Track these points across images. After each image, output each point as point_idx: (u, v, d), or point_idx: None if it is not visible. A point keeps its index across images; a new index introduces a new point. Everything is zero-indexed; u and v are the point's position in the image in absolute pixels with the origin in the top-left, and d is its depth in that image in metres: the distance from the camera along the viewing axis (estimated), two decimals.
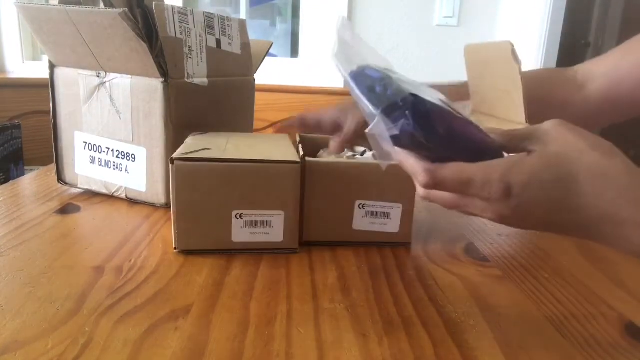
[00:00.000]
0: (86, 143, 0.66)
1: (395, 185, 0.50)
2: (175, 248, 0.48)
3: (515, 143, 0.35)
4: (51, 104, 0.67)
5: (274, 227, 0.48)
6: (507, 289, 0.44)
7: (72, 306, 0.38)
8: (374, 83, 0.35)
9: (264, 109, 1.79)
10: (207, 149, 0.50)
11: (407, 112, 0.32)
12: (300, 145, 0.56)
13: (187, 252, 0.48)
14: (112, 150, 0.63)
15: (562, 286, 0.45)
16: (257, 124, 1.80)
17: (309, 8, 2.01)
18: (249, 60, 0.74)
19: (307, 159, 0.50)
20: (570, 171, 0.30)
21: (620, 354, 0.35)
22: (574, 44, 2.20)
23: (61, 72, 0.66)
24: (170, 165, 0.45)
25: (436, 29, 1.97)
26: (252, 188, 0.47)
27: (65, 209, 0.60)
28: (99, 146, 0.64)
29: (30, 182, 0.72)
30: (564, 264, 0.51)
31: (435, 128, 0.33)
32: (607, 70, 0.60)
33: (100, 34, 0.58)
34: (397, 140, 0.33)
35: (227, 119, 0.71)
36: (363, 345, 0.34)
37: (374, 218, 0.51)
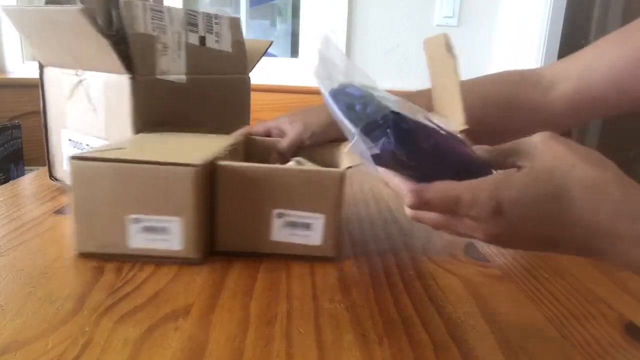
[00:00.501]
0: (71, 140, 0.66)
1: (317, 194, 0.46)
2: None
3: (502, 158, 0.34)
4: (41, 104, 0.67)
5: (172, 235, 0.45)
6: (507, 289, 0.44)
7: (72, 306, 0.38)
8: (354, 101, 0.34)
9: (263, 109, 1.79)
10: (121, 148, 0.47)
11: (387, 130, 0.31)
12: (231, 148, 0.53)
13: (90, 254, 0.46)
14: (91, 148, 0.63)
15: (562, 286, 0.45)
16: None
17: (309, 8, 2.01)
18: (242, 58, 0.73)
19: (220, 162, 0.46)
20: (563, 185, 0.29)
21: (620, 354, 0.35)
22: (574, 44, 2.20)
23: (49, 72, 0.67)
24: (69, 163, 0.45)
25: (436, 29, 1.97)
26: (148, 191, 0.44)
27: (65, 209, 0.60)
28: (81, 143, 0.65)
29: (30, 182, 0.72)
30: (564, 264, 0.51)
31: (418, 145, 0.32)
32: (578, 71, 0.58)
33: (70, 33, 0.58)
34: (378, 160, 0.32)
35: (215, 117, 0.70)
36: (363, 345, 0.34)
37: (293, 229, 0.47)
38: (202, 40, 0.65)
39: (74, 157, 0.44)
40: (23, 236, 0.51)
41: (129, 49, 0.57)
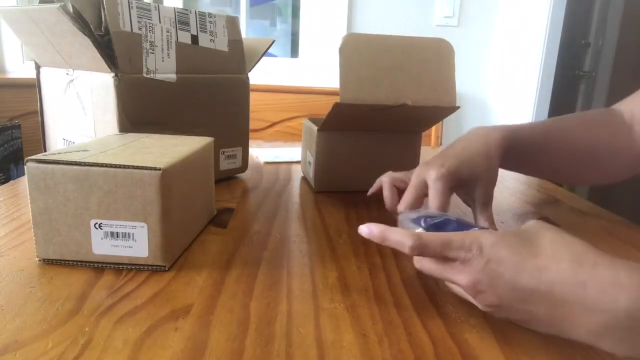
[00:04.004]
0: (65, 140, 0.66)
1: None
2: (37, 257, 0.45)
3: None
4: (38, 103, 0.68)
5: (137, 241, 0.43)
6: None
7: (72, 306, 0.38)
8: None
9: (264, 109, 1.79)
10: (84, 150, 0.46)
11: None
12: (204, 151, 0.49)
13: (52, 261, 0.45)
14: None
15: None
16: (257, 124, 1.81)
17: (309, 8, 2.01)
18: (240, 58, 0.72)
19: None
20: (534, 237, 0.35)
21: None
22: (574, 44, 2.20)
23: (44, 72, 0.67)
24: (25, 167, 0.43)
25: (436, 29, 1.97)
26: (110, 196, 0.42)
27: None
28: (72, 142, 0.65)
29: None
30: None
31: None
32: None
33: (55, 31, 0.57)
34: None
35: (211, 118, 0.70)
36: (363, 345, 0.34)
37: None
38: (195, 39, 0.64)
39: (30, 160, 0.42)
40: (23, 236, 0.51)
41: (106, 45, 0.56)
